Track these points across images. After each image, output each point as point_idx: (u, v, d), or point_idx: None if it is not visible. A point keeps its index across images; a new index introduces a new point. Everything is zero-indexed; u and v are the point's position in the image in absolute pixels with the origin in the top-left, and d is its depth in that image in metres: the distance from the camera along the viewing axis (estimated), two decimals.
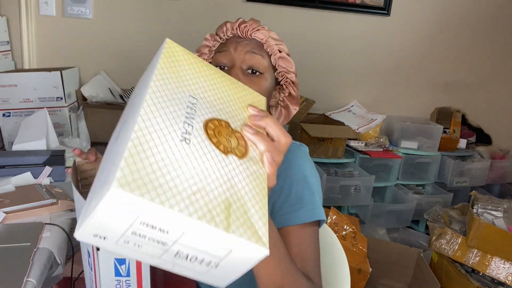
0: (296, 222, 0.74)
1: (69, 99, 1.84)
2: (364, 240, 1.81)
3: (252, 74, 0.79)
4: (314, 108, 2.35)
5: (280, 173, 0.73)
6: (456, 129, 2.63)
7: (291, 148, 0.78)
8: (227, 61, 0.80)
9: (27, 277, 0.70)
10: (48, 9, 2.01)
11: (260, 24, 0.83)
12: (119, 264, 0.58)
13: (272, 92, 0.84)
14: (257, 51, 0.80)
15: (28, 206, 0.96)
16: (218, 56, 0.81)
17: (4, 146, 1.74)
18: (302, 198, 0.76)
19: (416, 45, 2.62)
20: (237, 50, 0.79)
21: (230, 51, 0.80)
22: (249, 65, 0.79)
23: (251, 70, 0.79)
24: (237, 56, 0.79)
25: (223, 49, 0.81)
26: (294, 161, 0.80)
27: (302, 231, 0.74)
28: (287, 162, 0.77)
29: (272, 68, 0.82)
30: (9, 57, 1.96)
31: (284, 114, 0.90)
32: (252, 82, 0.77)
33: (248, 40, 0.81)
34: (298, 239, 0.74)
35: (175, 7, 2.18)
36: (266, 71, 0.80)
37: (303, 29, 2.40)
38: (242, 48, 0.79)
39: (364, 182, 2.22)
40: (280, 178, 0.74)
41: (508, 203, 1.80)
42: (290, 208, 0.75)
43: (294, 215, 0.74)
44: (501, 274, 1.63)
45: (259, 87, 0.78)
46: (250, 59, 0.79)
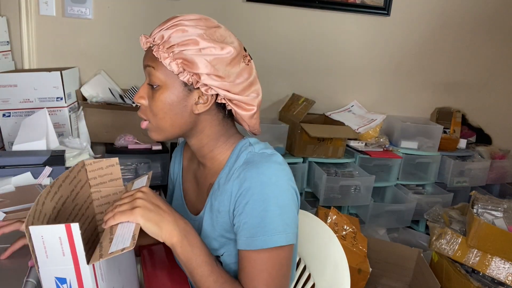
0: (250, 248, 0.75)
1: (69, 99, 1.84)
2: (364, 240, 1.81)
3: (152, 88, 0.77)
4: (314, 108, 2.35)
5: (242, 192, 0.75)
6: (456, 129, 2.63)
7: (257, 164, 0.77)
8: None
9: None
10: (48, 9, 2.01)
11: (174, 21, 0.77)
12: (60, 282, 0.58)
13: (187, 98, 0.77)
14: (150, 63, 0.76)
15: (28, 206, 0.96)
16: None
17: (4, 146, 1.74)
18: (261, 223, 0.74)
19: (416, 45, 2.62)
20: (143, 63, 0.79)
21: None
22: (148, 80, 0.78)
23: (150, 85, 0.78)
24: (144, 70, 0.79)
25: None
26: (258, 179, 0.75)
27: (257, 258, 0.75)
28: (250, 180, 0.75)
29: (175, 74, 0.75)
30: (9, 57, 1.96)
31: (237, 117, 0.84)
32: (152, 97, 0.77)
33: (147, 51, 0.78)
34: (251, 265, 0.75)
35: (175, 7, 2.18)
36: (164, 81, 0.75)
37: (303, 29, 2.40)
38: (143, 60, 0.79)
39: (364, 182, 2.22)
40: (244, 198, 0.75)
41: (508, 203, 1.80)
42: (247, 234, 0.75)
43: (252, 240, 0.75)
44: (501, 274, 1.63)
45: (157, 101, 0.76)
46: (147, 73, 0.78)
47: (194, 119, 0.80)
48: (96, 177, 0.83)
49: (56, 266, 0.57)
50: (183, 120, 0.79)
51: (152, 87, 0.77)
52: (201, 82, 0.75)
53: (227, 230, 0.81)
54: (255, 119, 0.84)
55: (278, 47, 2.37)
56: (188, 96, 0.77)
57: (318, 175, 2.18)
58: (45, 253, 0.56)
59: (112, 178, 0.85)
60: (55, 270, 0.57)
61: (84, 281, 0.58)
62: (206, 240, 0.82)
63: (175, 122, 0.78)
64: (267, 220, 0.74)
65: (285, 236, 0.75)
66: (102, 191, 0.85)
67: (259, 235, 0.74)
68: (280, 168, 0.77)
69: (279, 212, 0.75)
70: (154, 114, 0.78)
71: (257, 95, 0.82)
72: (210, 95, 0.77)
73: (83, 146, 1.54)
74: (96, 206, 0.85)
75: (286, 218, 0.75)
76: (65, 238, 0.56)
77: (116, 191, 0.86)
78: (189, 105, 0.78)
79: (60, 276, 0.58)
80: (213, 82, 0.75)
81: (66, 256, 0.57)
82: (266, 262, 0.75)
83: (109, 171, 0.84)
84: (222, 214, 0.80)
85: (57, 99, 1.75)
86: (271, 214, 0.74)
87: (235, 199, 0.77)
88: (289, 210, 0.76)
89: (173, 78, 0.76)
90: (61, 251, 0.56)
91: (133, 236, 0.63)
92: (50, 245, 0.56)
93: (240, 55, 0.79)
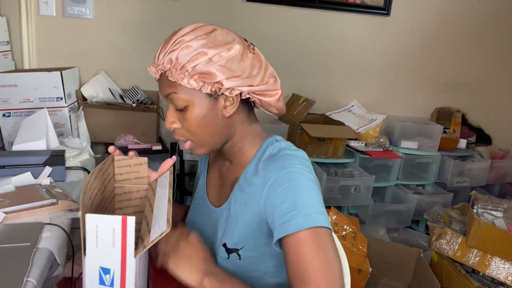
0: (289, 231, 0.72)
1: (69, 99, 1.84)
2: (364, 240, 1.81)
3: (181, 110, 0.80)
4: (314, 108, 2.35)
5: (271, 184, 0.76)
6: (456, 129, 2.63)
7: (282, 157, 0.79)
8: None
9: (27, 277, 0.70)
10: (48, 9, 2.01)
11: (173, 41, 0.76)
12: (104, 273, 0.59)
13: (215, 106, 0.80)
14: (170, 90, 0.79)
15: (28, 206, 0.96)
16: None
17: (4, 146, 1.74)
18: (294, 206, 0.73)
19: (416, 45, 2.62)
20: (161, 94, 0.82)
21: (161, 94, 0.83)
22: (174, 106, 0.81)
23: (178, 108, 0.80)
24: (165, 99, 0.82)
25: None
26: (284, 170, 0.77)
27: (298, 241, 0.71)
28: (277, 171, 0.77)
29: (197, 89, 0.78)
30: (9, 57, 1.96)
31: (263, 105, 0.87)
32: (183, 118, 0.81)
33: (161, 79, 0.81)
34: (294, 252, 0.71)
35: (175, 7, 2.18)
36: (189, 100, 0.78)
37: (303, 29, 2.40)
38: (161, 91, 0.82)
39: (364, 182, 2.22)
40: (273, 190, 0.76)
41: (508, 203, 1.80)
42: (284, 218, 0.73)
43: (286, 225, 0.72)
44: (501, 274, 1.63)
45: (191, 120, 0.80)
46: (170, 102, 0.81)
47: (227, 122, 0.83)
48: (122, 173, 0.85)
49: (104, 256, 0.58)
50: (219, 127, 0.82)
51: (180, 109, 0.80)
52: (223, 87, 0.77)
53: (251, 223, 0.81)
54: (282, 101, 0.87)
55: (278, 47, 2.37)
56: (216, 104, 0.80)
57: (318, 175, 2.18)
58: (96, 241, 0.57)
59: (138, 176, 0.86)
60: (101, 260, 0.58)
61: (127, 273, 0.59)
62: (227, 233, 0.84)
63: (213, 132, 0.82)
64: (299, 204, 0.73)
65: (322, 217, 0.72)
66: (125, 187, 0.87)
67: (293, 219, 0.72)
68: (304, 162, 0.80)
69: (309, 196, 0.75)
70: (192, 133, 0.81)
71: (275, 78, 0.85)
72: (235, 95, 0.80)
73: (83, 146, 1.54)
74: (117, 201, 0.87)
75: (316, 202, 0.75)
76: (119, 229, 0.57)
77: (139, 189, 0.88)
78: (220, 112, 0.81)
79: (106, 266, 0.58)
80: (234, 83, 0.77)
81: (116, 247, 0.58)
82: (307, 243, 0.70)
83: (136, 169, 0.86)
84: (248, 206, 0.81)
85: (57, 99, 1.76)
86: (302, 198, 0.74)
87: (264, 192, 0.78)
88: (316, 197, 0.76)
89: (197, 94, 0.78)
90: (112, 242, 0.58)
91: (167, 220, 0.63)
92: (102, 234, 0.57)
93: (245, 47, 0.80)
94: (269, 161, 0.81)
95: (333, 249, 0.71)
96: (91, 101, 2.00)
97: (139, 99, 2.05)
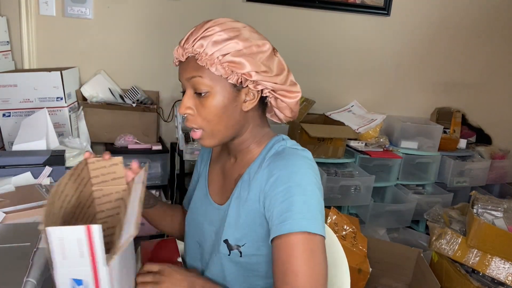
0: (283, 232, 0.73)
1: (69, 99, 1.84)
2: (364, 240, 1.81)
3: (200, 96, 0.79)
4: (314, 108, 2.35)
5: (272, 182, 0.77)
6: (456, 129, 2.63)
7: (287, 155, 0.80)
8: (183, 87, 0.83)
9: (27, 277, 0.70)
10: (48, 9, 2.01)
11: (205, 28, 0.77)
12: (76, 284, 0.58)
13: (237, 98, 0.80)
14: (195, 73, 0.78)
15: (28, 206, 0.96)
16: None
17: (4, 146, 1.74)
18: (291, 207, 0.73)
19: (416, 45, 2.62)
20: (182, 77, 0.81)
21: (179, 78, 0.82)
22: (194, 90, 0.80)
23: (198, 93, 0.80)
24: (184, 83, 0.81)
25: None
26: (286, 169, 0.78)
27: (289, 243, 0.72)
28: (280, 169, 0.78)
29: (223, 78, 0.78)
30: (9, 57, 1.96)
31: (280, 107, 0.87)
32: (202, 104, 0.79)
33: (186, 62, 0.80)
34: (284, 252, 0.72)
35: (175, 7, 2.18)
36: (213, 87, 0.78)
37: (303, 29, 2.40)
38: (183, 74, 0.81)
39: (364, 182, 2.22)
40: (273, 188, 0.77)
41: (508, 203, 1.79)
42: (280, 218, 0.74)
43: (281, 225, 0.73)
44: (501, 274, 1.63)
45: (210, 107, 0.79)
46: (191, 85, 0.80)
47: (243, 116, 0.83)
48: (98, 175, 0.83)
49: (73, 267, 0.57)
50: (235, 120, 0.82)
51: (200, 95, 0.79)
52: (250, 79, 0.78)
53: (253, 220, 0.82)
54: (298, 104, 0.89)
55: (278, 47, 2.34)
56: (238, 96, 0.81)
57: None
58: (62, 254, 0.56)
59: (115, 177, 0.84)
60: (72, 272, 0.57)
61: (101, 282, 0.58)
62: (229, 230, 0.84)
63: (229, 123, 0.82)
64: (294, 206, 0.74)
65: (313, 223, 0.73)
66: (104, 190, 0.84)
67: (287, 220, 0.73)
68: (309, 163, 0.80)
69: (309, 200, 0.75)
70: (208, 120, 0.80)
71: (295, 83, 0.87)
72: (257, 91, 0.81)
73: (83, 146, 1.54)
74: (97, 204, 0.85)
75: (313, 208, 0.75)
76: (84, 239, 0.55)
77: (118, 189, 0.85)
78: (239, 105, 0.81)
79: (77, 277, 0.57)
80: (261, 77, 0.79)
81: (84, 257, 0.56)
82: (297, 247, 0.71)
83: (113, 170, 0.83)
84: (249, 203, 0.82)
85: (57, 99, 1.75)
86: (301, 201, 0.74)
87: (265, 188, 0.79)
88: (315, 202, 0.76)
89: (222, 82, 0.78)
90: (79, 252, 0.56)
91: (135, 223, 0.62)
92: (68, 246, 0.56)
93: (272, 50, 0.83)
94: (274, 159, 0.81)
95: (322, 257, 0.73)
96: (91, 101, 2.00)
97: (139, 99, 2.05)
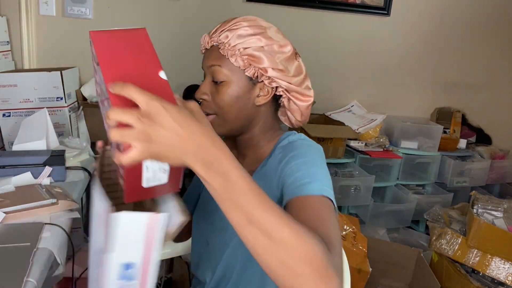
0: (303, 194, 0.71)
1: (69, 99, 1.84)
2: (364, 240, 1.81)
3: (217, 84, 0.83)
4: (314, 108, 2.34)
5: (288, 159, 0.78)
6: (456, 129, 2.63)
7: (301, 142, 0.83)
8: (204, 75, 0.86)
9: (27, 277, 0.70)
10: (48, 9, 2.01)
11: (234, 22, 0.83)
12: (125, 268, 0.58)
13: (251, 91, 0.84)
14: (215, 62, 0.82)
15: (28, 206, 0.96)
16: None
17: (4, 146, 1.74)
18: (309, 176, 0.74)
19: (416, 45, 2.62)
20: (204, 65, 0.85)
21: (202, 65, 0.86)
22: (212, 78, 0.84)
23: (215, 81, 0.83)
24: (205, 70, 0.86)
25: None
26: (301, 149, 0.80)
27: (313, 202, 0.70)
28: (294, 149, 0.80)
29: (241, 70, 0.82)
30: (9, 57, 1.96)
31: (292, 109, 0.90)
32: (217, 91, 0.83)
33: (210, 50, 0.84)
34: (310, 210, 0.68)
35: (175, 7, 2.18)
36: (230, 77, 0.81)
37: (303, 29, 2.40)
38: (205, 62, 0.85)
39: (364, 182, 2.22)
40: (290, 161, 0.78)
41: (508, 203, 1.80)
42: (298, 183, 0.73)
43: (300, 188, 0.72)
44: (501, 274, 1.63)
45: (224, 95, 0.82)
46: (211, 72, 0.83)
47: (254, 110, 0.86)
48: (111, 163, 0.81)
49: (128, 252, 0.58)
50: (246, 112, 0.85)
51: (216, 83, 0.83)
52: (266, 75, 0.81)
53: (274, 199, 0.79)
54: (310, 110, 0.92)
55: None
56: (252, 89, 0.84)
57: None
58: (122, 238, 0.56)
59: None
60: (125, 256, 0.58)
61: (150, 268, 0.59)
62: None
63: (240, 114, 0.84)
64: (314, 175, 0.74)
65: (333, 194, 0.74)
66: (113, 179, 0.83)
67: (310, 183, 0.72)
68: (321, 152, 0.83)
69: (323, 172, 0.76)
70: (220, 107, 0.83)
71: (311, 89, 0.90)
72: (271, 87, 0.84)
73: (83, 146, 1.54)
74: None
75: (329, 181, 0.76)
76: (148, 226, 0.56)
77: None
78: (252, 98, 0.84)
79: (129, 261, 0.58)
80: (277, 74, 0.82)
81: (141, 242, 0.57)
82: (323, 209, 0.69)
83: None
84: (268, 182, 0.81)
85: (57, 99, 1.76)
86: (317, 172, 0.75)
87: (279, 168, 0.79)
88: (329, 178, 0.77)
89: (239, 73, 0.82)
90: (139, 238, 0.57)
91: (182, 211, 0.63)
92: (131, 231, 0.56)
93: (294, 53, 0.87)
94: (287, 147, 0.83)
95: (337, 225, 0.69)
96: (91, 101, 2.00)
97: None
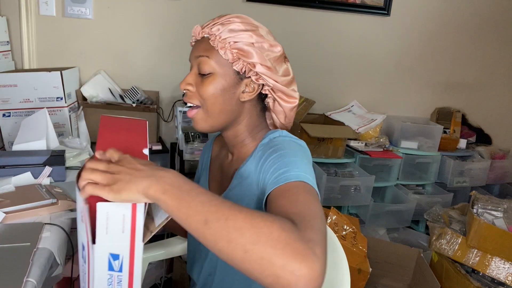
0: (278, 184, 0.69)
1: (69, 99, 1.84)
2: (364, 240, 1.81)
3: (202, 76, 0.82)
4: (314, 108, 2.36)
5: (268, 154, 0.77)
6: (456, 129, 2.64)
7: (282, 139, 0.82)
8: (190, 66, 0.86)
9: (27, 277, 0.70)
10: (48, 9, 2.01)
11: (227, 17, 0.83)
12: (113, 259, 0.59)
13: (237, 86, 0.82)
14: (203, 53, 0.81)
15: (28, 206, 0.96)
16: None
17: (4, 146, 1.74)
18: (286, 166, 0.72)
19: (416, 45, 2.62)
20: (192, 55, 0.84)
21: (190, 56, 0.85)
22: (198, 70, 0.83)
23: (202, 73, 0.82)
24: (192, 61, 0.84)
25: None
26: (282, 145, 0.78)
27: (289, 188, 0.67)
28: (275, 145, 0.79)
29: (229, 63, 0.81)
30: (9, 57, 1.96)
31: (276, 111, 0.88)
32: (201, 84, 0.82)
33: (200, 41, 0.84)
34: (280, 198, 0.67)
35: (175, 7, 2.18)
36: (216, 69, 0.81)
37: (303, 29, 2.40)
38: (194, 52, 0.84)
39: (364, 182, 2.22)
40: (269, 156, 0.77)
41: (508, 203, 1.80)
42: (276, 174, 0.71)
43: (277, 178, 0.70)
44: (501, 274, 1.63)
45: (208, 86, 0.81)
46: (197, 63, 0.83)
47: (239, 107, 0.85)
48: None
49: (113, 242, 0.59)
50: (231, 107, 0.84)
51: (203, 75, 0.82)
52: (254, 70, 0.81)
53: (253, 198, 0.79)
54: (294, 112, 0.90)
55: None
56: (238, 84, 0.83)
57: (318, 175, 2.18)
58: (106, 229, 0.58)
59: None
60: (111, 246, 0.59)
61: (135, 258, 0.60)
62: None
63: (224, 108, 0.83)
64: (290, 164, 0.72)
65: (312, 180, 0.70)
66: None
67: (286, 173, 0.70)
68: (303, 147, 0.82)
69: (301, 161, 0.73)
70: (204, 99, 0.82)
71: (296, 91, 0.89)
72: (257, 84, 0.83)
73: (83, 146, 1.54)
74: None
75: (309, 169, 0.73)
76: (129, 216, 0.58)
77: None
78: (237, 93, 0.83)
79: (115, 252, 0.59)
80: (264, 71, 0.81)
81: (125, 233, 0.59)
82: (297, 192, 0.66)
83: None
84: (248, 180, 0.82)
85: (57, 99, 1.76)
86: (294, 161, 0.73)
87: (258, 166, 0.79)
88: (309, 167, 0.75)
89: (226, 67, 0.81)
90: (121, 228, 0.58)
91: None
92: (113, 221, 0.58)
93: (283, 56, 0.87)
94: (267, 144, 0.82)
95: (319, 207, 0.65)
96: (91, 101, 2.00)
97: (139, 99, 2.05)
